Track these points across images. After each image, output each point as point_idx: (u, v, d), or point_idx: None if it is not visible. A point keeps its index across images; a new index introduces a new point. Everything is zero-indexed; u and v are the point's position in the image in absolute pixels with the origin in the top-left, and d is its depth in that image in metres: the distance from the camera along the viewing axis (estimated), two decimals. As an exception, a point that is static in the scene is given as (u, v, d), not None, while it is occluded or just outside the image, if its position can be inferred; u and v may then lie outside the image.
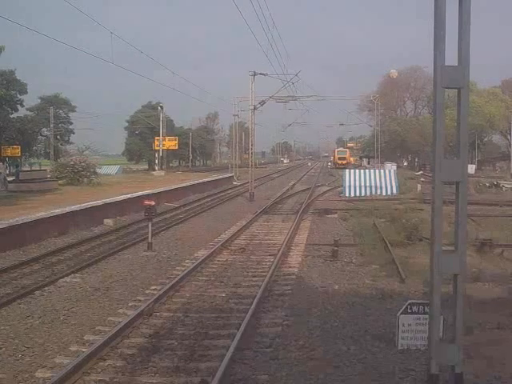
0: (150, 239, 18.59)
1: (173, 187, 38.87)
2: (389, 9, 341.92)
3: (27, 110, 75.89)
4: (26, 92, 68.64)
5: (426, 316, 8.22)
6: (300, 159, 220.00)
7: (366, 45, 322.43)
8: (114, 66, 34.15)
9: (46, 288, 13.28)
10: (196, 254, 17.52)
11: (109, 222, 24.95)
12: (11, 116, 66.63)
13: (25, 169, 58.44)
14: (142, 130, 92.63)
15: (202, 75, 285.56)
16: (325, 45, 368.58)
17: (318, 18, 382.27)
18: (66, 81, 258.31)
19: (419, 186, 43.77)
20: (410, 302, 8.92)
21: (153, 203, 18.97)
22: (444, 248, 4.55)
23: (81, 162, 40.90)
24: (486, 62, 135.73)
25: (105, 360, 8.45)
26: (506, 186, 44.86)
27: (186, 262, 16.38)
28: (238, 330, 9.51)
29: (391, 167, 60.57)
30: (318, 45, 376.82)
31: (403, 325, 8.79)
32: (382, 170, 45.69)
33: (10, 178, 38.81)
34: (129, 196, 29.92)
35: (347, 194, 39.62)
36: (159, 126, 68.70)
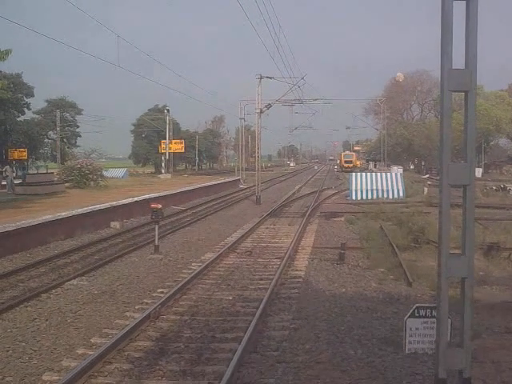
0: (156, 242, 18.60)
1: (179, 190, 38.91)
2: (394, 12, 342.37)
3: (34, 113, 76.28)
4: (32, 95, 68.87)
5: (434, 320, 8.19)
6: (306, 162, 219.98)
7: (372, 48, 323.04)
8: (119, 68, 34.23)
9: (53, 291, 13.33)
10: (203, 257, 17.53)
11: (115, 224, 25.00)
12: (18, 119, 66.84)
13: (31, 172, 58.62)
14: (149, 133, 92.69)
15: (208, 78, 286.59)
16: (330, 48, 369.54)
17: (321, 21, 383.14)
18: (71, 83, 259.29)
19: (426, 189, 43.70)
20: (417, 305, 8.88)
21: (159, 206, 18.97)
22: (451, 251, 4.53)
23: (87, 165, 40.96)
24: (493, 65, 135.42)
25: (111, 363, 8.46)
26: (513, 189, 44.67)
27: (193, 264, 16.39)
28: (244, 333, 9.50)
29: (397, 170, 60.45)
30: (323, 48, 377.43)
31: (410, 329, 8.76)
32: (388, 174, 45.64)
33: (17, 181, 38.94)
34: (135, 199, 29.96)
35: (354, 198, 39.62)
36: (165, 129, 68.82)
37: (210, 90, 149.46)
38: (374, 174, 45.34)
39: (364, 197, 39.70)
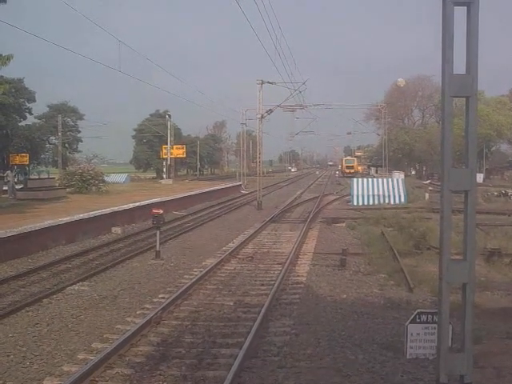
0: (157, 247, 18.61)
1: (181, 196, 38.93)
2: (394, 12, 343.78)
3: (35, 118, 76.34)
4: (34, 100, 68.98)
5: (435, 325, 8.15)
6: (307, 168, 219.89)
7: (372, 48, 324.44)
8: (120, 73, 34.27)
9: (54, 296, 13.33)
10: (204, 263, 17.52)
11: (117, 230, 25.01)
12: (19, 124, 66.93)
13: (33, 177, 58.65)
14: (150, 139, 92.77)
15: (208, 79, 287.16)
16: (330, 48, 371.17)
17: (321, 21, 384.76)
18: (72, 88, 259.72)
19: (427, 194, 43.66)
20: (418, 311, 8.85)
21: (161, 211, 18.98)
22: (453, 257, 4.53)
23: (89, 170, 40.98)
24: (494, 68, 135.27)
25: (112, 368, 8.45)
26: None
27: (194, 270, 16.39)
28: (245, 338, 9.49)
29: (399, 176, 60.42)
30: (323, 48, 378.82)
31: (411, 334, 8.73)
32: (389, 179, 45.63)
33: (18, 186, 38.96)
34: (137, 204, 29.98)
35: (355, 203, 39.61)
36: (167, 134, 68.85)
37: (210, 95, 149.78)
38: (375, 179, 45.35)
39: (365, 202, 39.70)
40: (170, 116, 71.11)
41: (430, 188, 53.35)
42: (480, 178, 64.85)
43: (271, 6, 44.14)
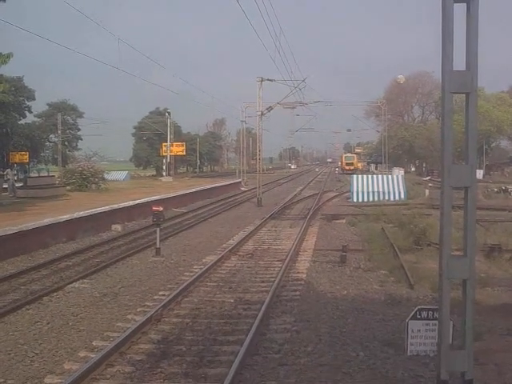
0: (158, 245, 18.61)
1: (180, 193, 38.90)
2: (394, 12, 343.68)
3: (35, 116, 76.24)
4: (33, 98, 68.92)
5: (436, 322, 8.17)
6: (307, 165, 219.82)
7: (372, 48, 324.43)
8: (120, 71, 34.25)
9: (55, 294, 13.32)
10: (204, 260, 17.52)
11: (117, 227, 25.00)
12: (19, 122, 66.85)
13: (33, 175, 58.59)
14: (150, 136, 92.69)
15: (208, 78, 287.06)
16: (330, 48, 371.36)
17: (321, 21, 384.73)
18: (72, 86, 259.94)
19: (427, 191, 43.64)
20: (419, 307, 8.87)
21: (161, 209, 18.96)
22: (453, 253, 4.53)
23: (89, 168, 40.95)
24: (494, 65, 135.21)
25: (113, 366, 8.45)
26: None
27: (195, 267, 16.38)
28: (246, 335, 9.49)
29: (399, 172, 60.40)
30: (323, 48, 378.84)
31: (412, 330, 8.75)
32: (389, 176, 45.65)
33: (18, 184, 38.93)
34: (137, 202, 29.97)
35: (355, 200, 39.61)
36: (167, 131, 68.79)
37: (211, 93, 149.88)
38: (375, 176, 45.36)
39: (365, 199, 39.70)
40: (169, 114, 71.00)
41: (430, 184, 53.35)
42: (480, 174, 64.81)
43: (272, 6, 44.08)
